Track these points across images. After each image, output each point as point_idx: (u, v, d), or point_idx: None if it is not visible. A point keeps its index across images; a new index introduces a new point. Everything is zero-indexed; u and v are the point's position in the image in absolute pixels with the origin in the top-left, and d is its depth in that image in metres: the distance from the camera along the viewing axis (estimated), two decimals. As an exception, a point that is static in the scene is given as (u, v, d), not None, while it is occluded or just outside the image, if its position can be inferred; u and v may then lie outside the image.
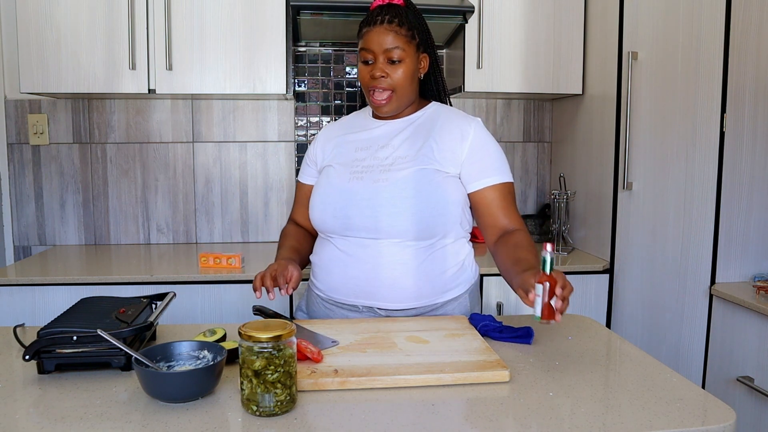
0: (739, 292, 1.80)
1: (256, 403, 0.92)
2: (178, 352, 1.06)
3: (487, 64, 2.33)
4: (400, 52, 1.35)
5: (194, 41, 2.20)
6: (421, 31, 1.40)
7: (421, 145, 1.38)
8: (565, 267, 2.19)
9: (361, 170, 1.39)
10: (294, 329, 0.94)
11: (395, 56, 1.35)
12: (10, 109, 2.49)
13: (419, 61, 1.41)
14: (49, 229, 2.56)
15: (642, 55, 2.05)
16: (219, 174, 2.61)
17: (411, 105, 1.45)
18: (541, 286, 1.07)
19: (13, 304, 1.98)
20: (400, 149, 1.40)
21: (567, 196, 2.39)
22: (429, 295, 1.38)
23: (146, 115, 2.55)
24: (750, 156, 1.88)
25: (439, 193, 1.34)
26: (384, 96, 1.38)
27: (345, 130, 1.51)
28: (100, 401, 0.97)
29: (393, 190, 1.33)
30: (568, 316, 1.42)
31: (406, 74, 1.37)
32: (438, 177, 1.35)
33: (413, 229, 1.33)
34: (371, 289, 1.36)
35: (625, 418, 0.92)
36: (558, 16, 2.34)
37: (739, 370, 1.80)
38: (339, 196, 1.38)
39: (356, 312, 1.41)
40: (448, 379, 1.03)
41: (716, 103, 1.86)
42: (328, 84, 2.64)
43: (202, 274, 2.03)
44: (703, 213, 1.92)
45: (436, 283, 1.38)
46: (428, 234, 1.34)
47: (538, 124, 2.76)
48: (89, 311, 1.17)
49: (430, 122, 1.43)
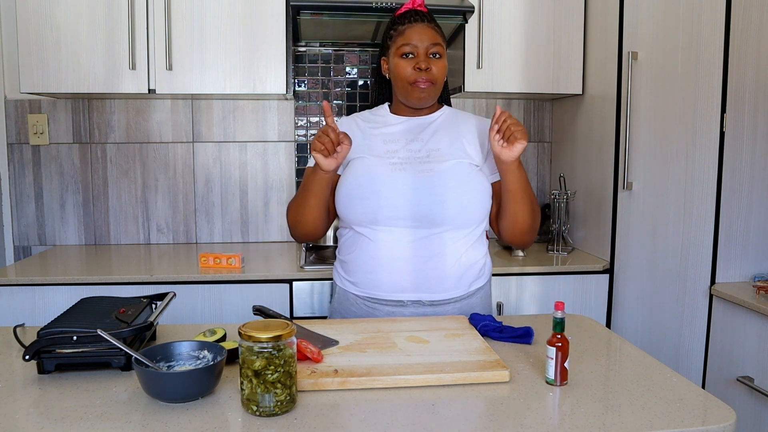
0: (739, 292, 1.80)
1: (256, 403, 0.92)
2: (178, 352, 1.06)
3: (487, 64, 2.33)
4: (441, 48, 1.44)
5: (194, 41, 2.20)
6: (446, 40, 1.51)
7: (451, 139, 1.45)
8: (565, 267, 2.19)
9: (399, 162, 1.42)
10: (294, 329, 0.94)
11: (437, 51, 1.43)
12: (10, 109, 2.49)
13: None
14: (49, 229, 2.56)
15: (642, 55, 2.05)
16: (219, 174, 2.61)
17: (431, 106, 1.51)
18: (553, 349, 1.03)
19: (13, 304, 1.98)
20: (430, 143, 1.45)
21: (567, 196, 2.39)
22: (468, 282, 1.44)
23: (146, 115, 2.55)
24: (750, 156, 1.88)
25: (478, 184, 1.42)
26: (427, 86, 1.43)
27: (365, 123, 1.52)
28: (100, 401, 0.97)
29: (441, 180, 1.38)
30: (568, 317, 1.42)
31: (444, 70, 1.46)
32: (474, 170, 1.43)
33: (460, 218, 1.39)
34: (421, 281, 1.40)
35: (625, 418, 0.92)
36: (558, 16, 2.34)
37: (739, 370, 1.80)
38: (385, 185, 1.39)
39: (402, 307, 1.42)
40: (448, 379, 1.03)
41: (716, 103, 1.86)
42: (328, 84, 2.64)
43: (202, 274, 2.03)
44: (703, 213, 1.92)
45: (473, 271, 1.45)
46: (471, 222, 1.42)
47: (538, 124, 2.76)
48: (89, 311, 1.17)
49: (451, 120, 1.51)
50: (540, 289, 2.18)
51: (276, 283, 2.06)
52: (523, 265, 2.18)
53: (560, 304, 1.04)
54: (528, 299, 2.18)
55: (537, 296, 2.19)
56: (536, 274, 2.17)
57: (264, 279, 2.06)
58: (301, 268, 2.10)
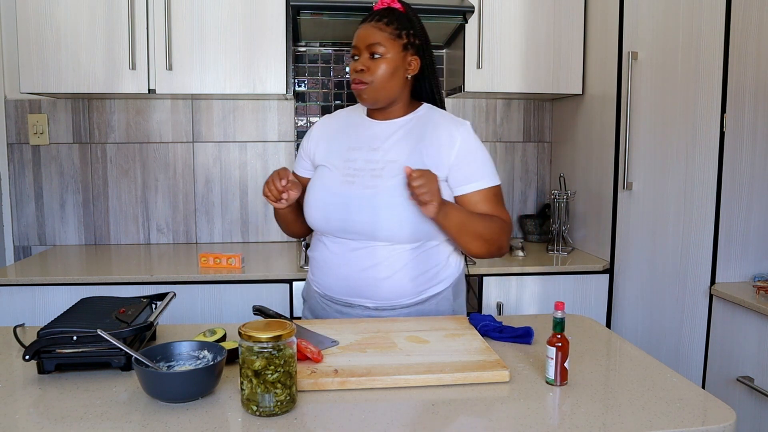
0: (739, 292, 1.80)
1: (256, 403, 0.92)
2: (178, 352, 1.06)
3: (487, 64, 2.33)
4: (380, 47, 1.40)
5: (194, 41, 2.20)
6: (412, 34, 1.44)
7: (410, 150, 1.42)
8: (565, 267, 2.19)
9: (353, 173, 1.43)
10: (294, 329, 0.94)
11: (378, 51, 1.40)
12: (10, 109, 2.49)
13: (406, 62, 1.44)
14: (49, 229, 2.56)
15: (642, 55, 2.05)
16: (219, 174, 2.61)
17: (400, 105, 1.48)
18: (553, 349, 1.03)
19: (13, 304, 1.98)
20: (390, 153, 1.43)
21: (567, 196, 2.39)
22: (415, 292, 1.44)
23: (146, 115, 2.55)
24: (750, 156, 1.88)
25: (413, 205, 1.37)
26: (361, 87, 1.42)
27: (339, 125, 1.54)
28: (100, 401, 0.97)
29: (384, 198, 1.38)
30: (568, 317, 1.42)
31: (386, 70, 1.40)
32: None
33: (404, 234, 1.39)
34: (363, 288, 1.43)
35: (625, 418, 0.92)
36: (558, 16, 2.34)
37: (739, 370, 1.80)
38: (332, 199, 1.43)
39: (350, 308, 1.46)
40: (448, 379, 1.03)
41: (716, 103, 1.86)
42: (328, 84, 2.64)
43: (202, 274, 2.03)
44: (703, 213, 1.92)
45: (423, 280, 1.44)
46: (418, 237, 1.40)
47: (538, 124, 2.76)
48: (89, 311, 1.17)
49: (420, 126, 1.46)
50: (540, 289, 2.18)
51: (276, 283, 2.06)
52: (523, 265, 2.18)
53: (560, 304, 1.04)
54: (528, 299, 2.18)
55: (537, 296, 2.19)
56: (536, 274, 2.17)
57: (264, 279, 2.06)
58: (301, 268, 2.10)
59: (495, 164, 1.47)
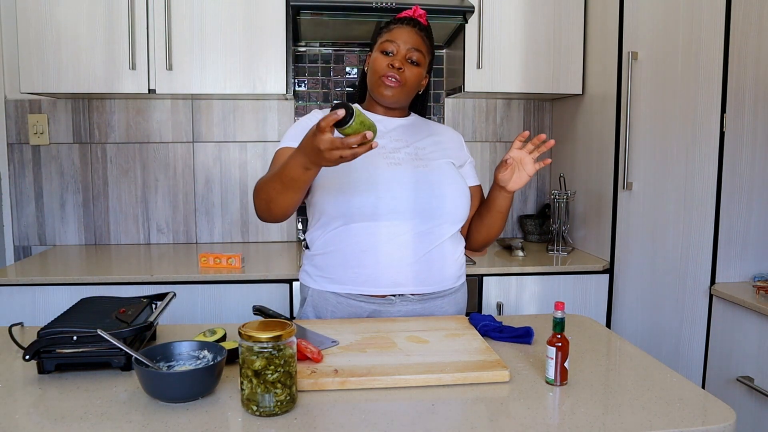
0: (739, 292, 1.80)
1: (256, 403, 0.92)
2: (178, 352, 1.06)
3: (487, 64, 2.33)
4: (420, 56, 1.44)
5: (194, 41, 2.20)
6: (433, 56, 1.52)
7: (432, 141, 1.50)
8: (565, 267, 2.19)
9: (391, 156, 1.42)
10: (294, 329, 0.94)
11: (415, 57, 1.43)
12: (10, 109, 2.49)
13: (423, 77, 1.50)
14: (49, 229, 2.56)
15: (642, 55, 2.05)
16: (219, 174, 2.61)
17: (402, 110, 1.54)
18: (553, 348, 1.03)
19: (13, 304, 1.98)
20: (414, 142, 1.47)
21: (567, 196, 2.39)
22: (457, 276, 1.48)
23: (146, 115, 2.55)
24: (750, 156, 1.88)
25: (465, 184, 1.48)
26: (394, 85, 1.42)
27: None
28: (100, 401, 0.97)
29: (438, 176, 1.42)
30: (568, 317, 1.42)
31: (418, 78, 1.45)
32: (458, 171, 1.49)
33: (456, 213, 1.43)
34: (418, 273, 1.39)
35: (625, 418, 0.92)
36: (558, 16, 2.35)
37: (739, 370, 1.80)
38: (383, 179, 1.37)
39: (388, 305, 1.39)
40: (448, 379, 1.03)
41: (716, 103, 1.86)
42: (328, 84, 2.64)
43: (202, 274, 2.03)
44: (703, 213, 1.92)
45: (458, 264, 1.48)
46: (464, 218, 1.47)
47: (538, 124, 2.75)
48: (89, 311, 1.17)
49: (422, 125, 1.54)
50: (540, 289, 2.18)
51: (276, 283, 2.06)
52: (523, 265, 2.18)
53: (560, 304, 1.04)
54: (528, 299, 2.18)
55: (537, 296, 2.19)
56: (536, 274, 2.17)
57: (264, 279, 2.06)
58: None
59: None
